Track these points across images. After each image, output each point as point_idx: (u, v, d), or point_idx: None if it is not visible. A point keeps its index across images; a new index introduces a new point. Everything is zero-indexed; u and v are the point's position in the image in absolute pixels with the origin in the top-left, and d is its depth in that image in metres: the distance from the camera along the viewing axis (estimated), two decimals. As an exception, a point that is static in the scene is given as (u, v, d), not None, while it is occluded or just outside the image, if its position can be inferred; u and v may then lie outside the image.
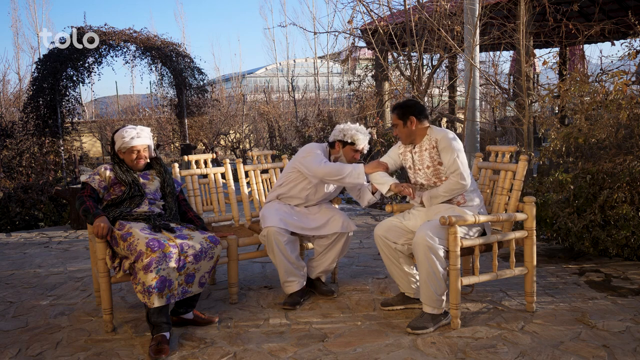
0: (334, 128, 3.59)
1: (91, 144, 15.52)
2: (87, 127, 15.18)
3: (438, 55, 7.23)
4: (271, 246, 3.35)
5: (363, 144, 3.49)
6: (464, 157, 3.04)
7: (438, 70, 8.33)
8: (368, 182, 3.41)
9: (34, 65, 9.60)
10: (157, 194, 3.20)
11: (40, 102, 9.44)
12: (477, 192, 3.19)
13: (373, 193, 3.50)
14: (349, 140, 3.46)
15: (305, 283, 3.46)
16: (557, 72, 6.00)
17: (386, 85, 9.36)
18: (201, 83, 11.35)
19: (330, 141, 3.58)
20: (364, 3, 6.64)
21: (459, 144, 3.05)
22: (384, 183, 3.19)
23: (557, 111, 5.83)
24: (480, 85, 6.62)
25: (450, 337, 2.82)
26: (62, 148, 9.53)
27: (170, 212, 3.21)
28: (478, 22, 5.56)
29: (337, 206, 3.85)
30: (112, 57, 10.24)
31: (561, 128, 4.66)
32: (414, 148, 3.18)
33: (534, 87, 7.28)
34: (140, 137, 3.14)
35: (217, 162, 9.51)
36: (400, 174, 7.05)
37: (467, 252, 3.00)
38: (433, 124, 3.32)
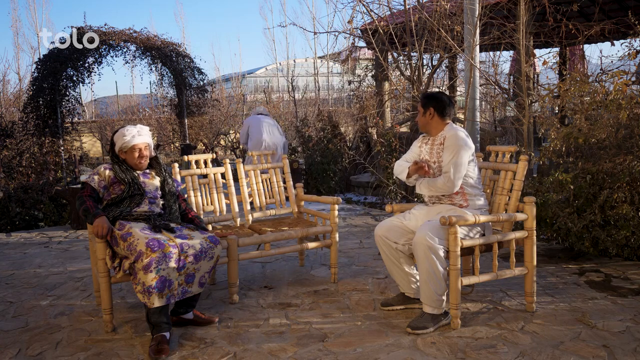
0: None
1: (91, 144, 15.51)
2: (87, 127, 15.16)
3: (438, 55, 7.22)
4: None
5: None
6: (462, 162, 2.99)
7: (438, 70, 8.32)
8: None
9: (34, 65, 9.58)
10: (157, 193, 3.19)
11: (40, 102, 9.43)
12: (482, 194, 3.18)
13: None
14: None
15: None
16: (557, 72, 6.00)
17: (386, 85, 9.35)
18: (201, 83, 11.33)
19: None
20: (364, 3, 6.64)
21: (465, 148, 3.00)
22: (402, 172, 3.24)
23: (557, 111, 5.83)
24: (480, 85, 6.61)
25: (450, 337, 2.82)
26: (62, 148, 9.51)
27: (170, 212, 3.20)
28: (478, 22, 5.55)
29: (336, 206, 3.85)
30: (112, 57, 10.21)
31: (561, 128, 4.65)
32: (428, 140, 3.22)
33: (534, 87, 7.28)
34: (141, 135, 3.14)
35: (217, 162, 9.51)
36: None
37: (467, 252, 3.00)
38: None
